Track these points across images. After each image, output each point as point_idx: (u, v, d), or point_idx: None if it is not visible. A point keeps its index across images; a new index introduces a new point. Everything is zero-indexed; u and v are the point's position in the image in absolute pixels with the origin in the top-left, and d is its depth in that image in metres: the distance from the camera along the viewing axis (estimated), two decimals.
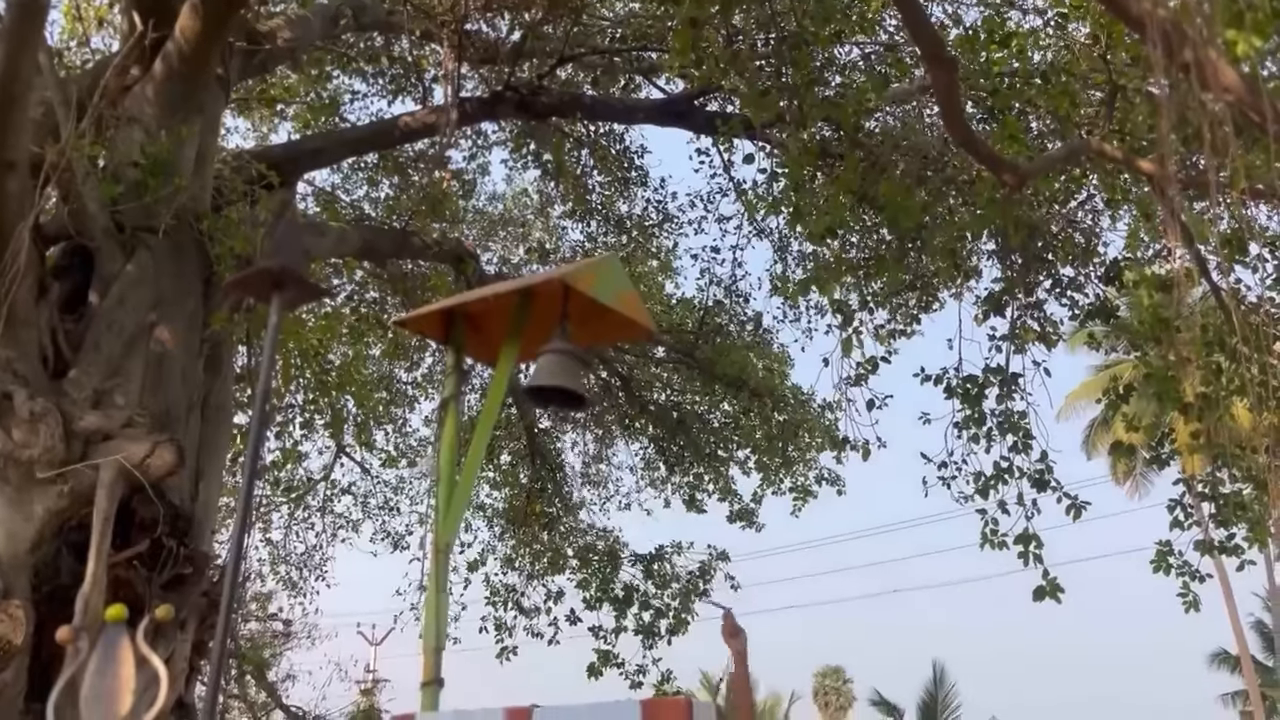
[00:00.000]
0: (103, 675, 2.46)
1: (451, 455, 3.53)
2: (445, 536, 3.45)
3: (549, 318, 3.52)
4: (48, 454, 7.36)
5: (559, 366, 3.37)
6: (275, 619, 18.84)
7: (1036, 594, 8.40)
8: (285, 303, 2.84)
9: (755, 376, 15.54)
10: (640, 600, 15.71)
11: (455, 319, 3.62)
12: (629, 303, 3.46)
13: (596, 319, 3.52)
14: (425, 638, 3.39)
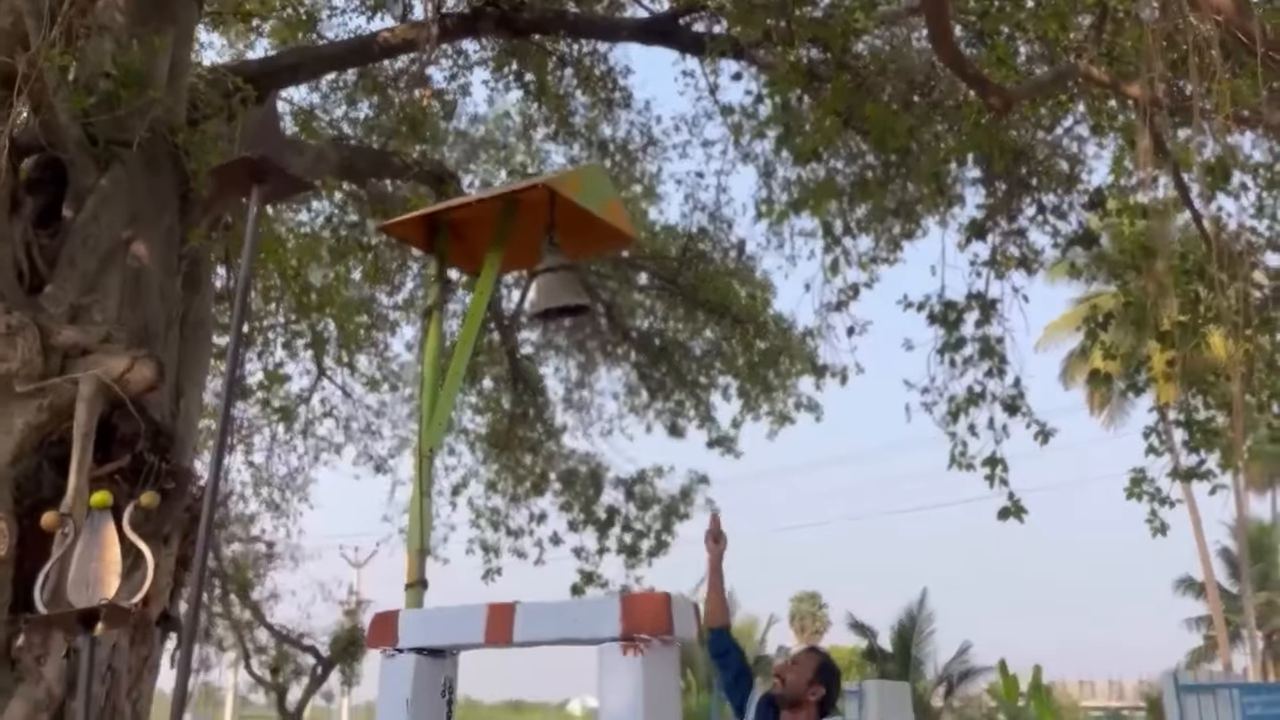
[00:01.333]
0: (89, 559, 2.50)
1: (435, 363, 3.53)
2: (430, 442, 3.47)
3: (533, 227, 3.51)
4: (26, 368, 7.32)
5: (558, 284, 3.37)
6: (258, 540, 18.97)
7: (1001, 514, 8.57)
8: (266, 196, 2.80)
9: (738, 303, 15.55)
10: (622, 522, 15.91)
11: (439, 226, 3.59)
12: (614, 211, 3.44)
13: (582, 228, 3.49)
14: (409, 540, 3.43)
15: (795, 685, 3.43)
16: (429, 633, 2.93)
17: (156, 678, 8.76)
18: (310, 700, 21.59)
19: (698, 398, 16.89)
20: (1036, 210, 10.66)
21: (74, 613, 2.46)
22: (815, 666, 3.49)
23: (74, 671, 7.21)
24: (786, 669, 3.51)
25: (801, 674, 3.45)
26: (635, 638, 2.59)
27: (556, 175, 3.29)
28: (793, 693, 3.42)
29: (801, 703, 3.43)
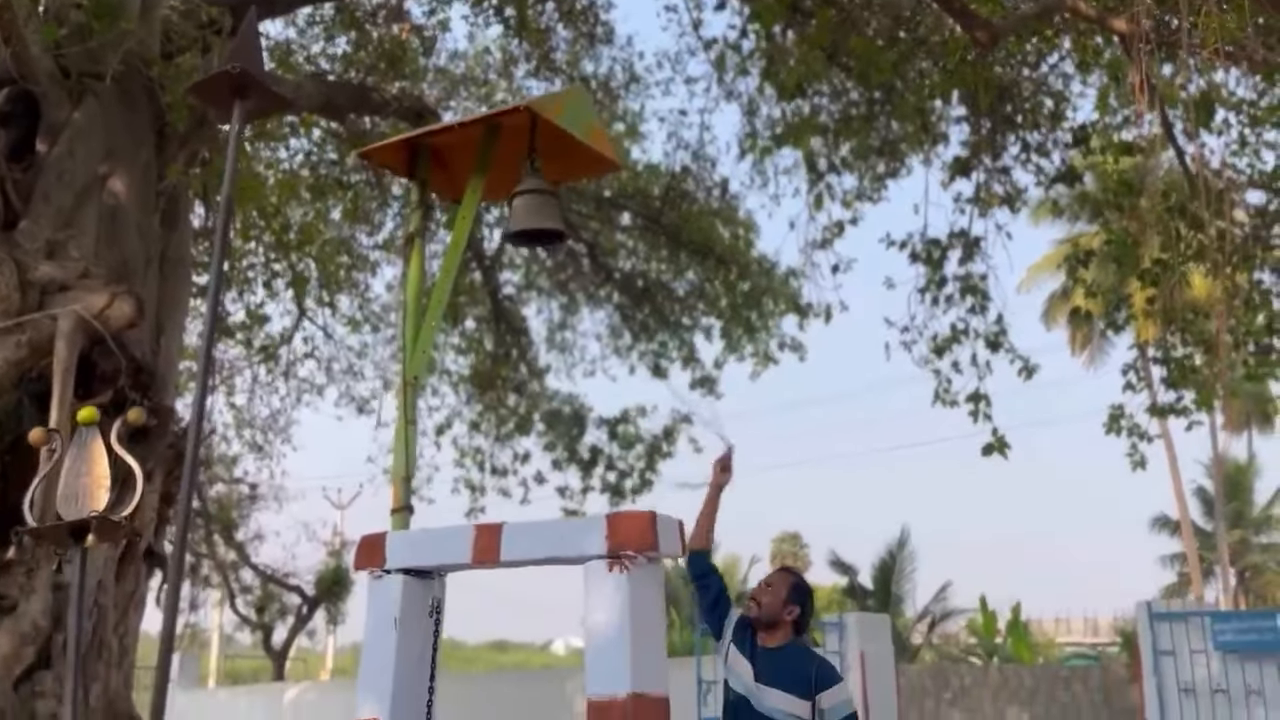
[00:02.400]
0: (78, 474, 2.51)
1: (418, 291, 3.52)
2: (413, 370, 3.46)
3: (516, 153, 3.47)
4: (3, 303, 7.25)
5: (535, 206, 3.33)
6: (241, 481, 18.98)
7: (985, 450, 8.65)
8: (248, 111, 2.75)
9: (721, 244, 15.50)
10: (606, 461, 16.00)
11: (420, 152, 3.55)
12: (597, 136, 3.41)
13: (564, 153, 3.46)
14: (395, 468, 3.44)
15: (771, 607, 3.47)
16: (416, 553, 2.95)
17: (143, 613, 8.81)
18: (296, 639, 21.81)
19: (681, 339, 16.91)
20: (1021, 148, 10.64)
21: (64, 525, 2.47)
22: (789, 586, 3.53)
23: (60, 606, 7.25)
24: (761, 591, 3.55)
25: (776, 595, 3.50)
26: (620, 555, 2.63)
27: (539, 98, 3.26)
28: (768, 614, 3.47)
29: (778, 623, 3.48)
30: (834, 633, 8.77)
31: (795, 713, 3.32)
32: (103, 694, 7.79)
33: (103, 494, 2.53)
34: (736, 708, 3.39)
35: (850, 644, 8.60)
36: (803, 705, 3.32)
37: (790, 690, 3.33)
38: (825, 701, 3.34)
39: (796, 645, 3.50)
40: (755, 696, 3.35)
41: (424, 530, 3.04)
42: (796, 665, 3.40)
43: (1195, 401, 9.63)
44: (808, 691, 3.34)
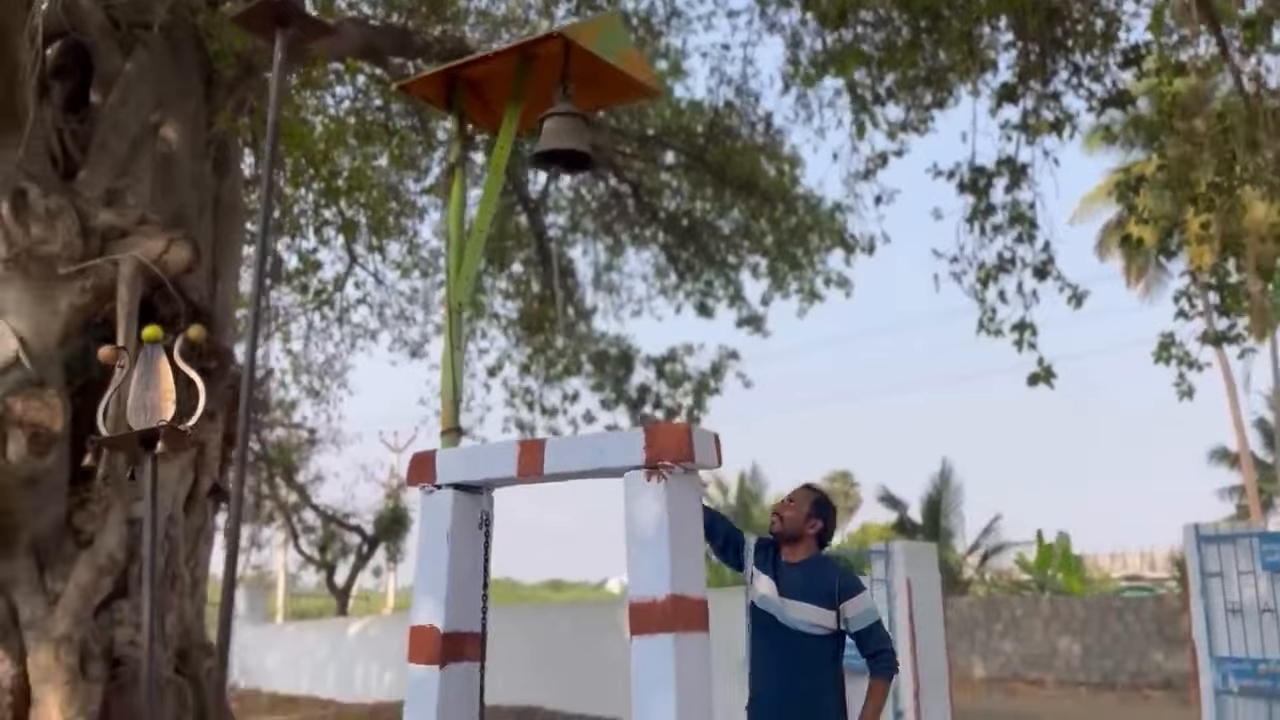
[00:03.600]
0: (145, 387, 2.67)
1: (460, 220, 3.61)
2: (458, 297, 3.57)
3: (551, 82, 3.52)
4: (67, 250, 7.50)
5: (562, 128, 3.40)
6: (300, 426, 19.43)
7: (1031, 379, 8.62)
8: (290, 40, 2.85)
9: (766, 180, 15.38)
10: (654, 400, 16.15)
11: (457, 84, 3.62)
12: (631, 61, 3.44)
13: (599, 79, 3.51)
14: (443, 391, 3.57)
15: (794, 521, 3.55)
16: (464, 469, 3.08)
17: (212, 547, 9.19)
18: (358, 577, 22.46)
19: (727, 277, 16.90)
20: (1071, 72, 10.42)
21: (134, 434, 2.64)
22: (812, 501, 3.61)
23: (133, 539, 7.59)
24: (784, 507, 3.63)
25: (799, 510, 3.58)
26: (659, 465, 2.73)
27: (572, 25, 3.29)
28: (791, 528, 3.55)
29: (800, 537, 3.56)
30: (880, 561, 8.84)
31: (820, 623, 3.41)
32: (177, 623, 8.17)
33: (169, 406, 2.69)
34: (764, 626, 3.48)
35: (896, 572, 8.67)
36: (828, 615, 3.42)
37: (815, 601, 3.42)
38: (849, 610, 3.44)
39: (819, 558, 3.59)
40: (781, 611, 3.44)
41: (472, 447, 3.17)
42: (820, 577, 3.48)
43: (1248, 328, 9.49)
44: (832, 601, 3.43)
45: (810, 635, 3.43)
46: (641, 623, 2.68)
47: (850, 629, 3.46)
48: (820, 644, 3.44)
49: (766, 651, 3.49)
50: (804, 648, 3.44)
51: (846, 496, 55.72)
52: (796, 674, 3.43)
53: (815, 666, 3.44)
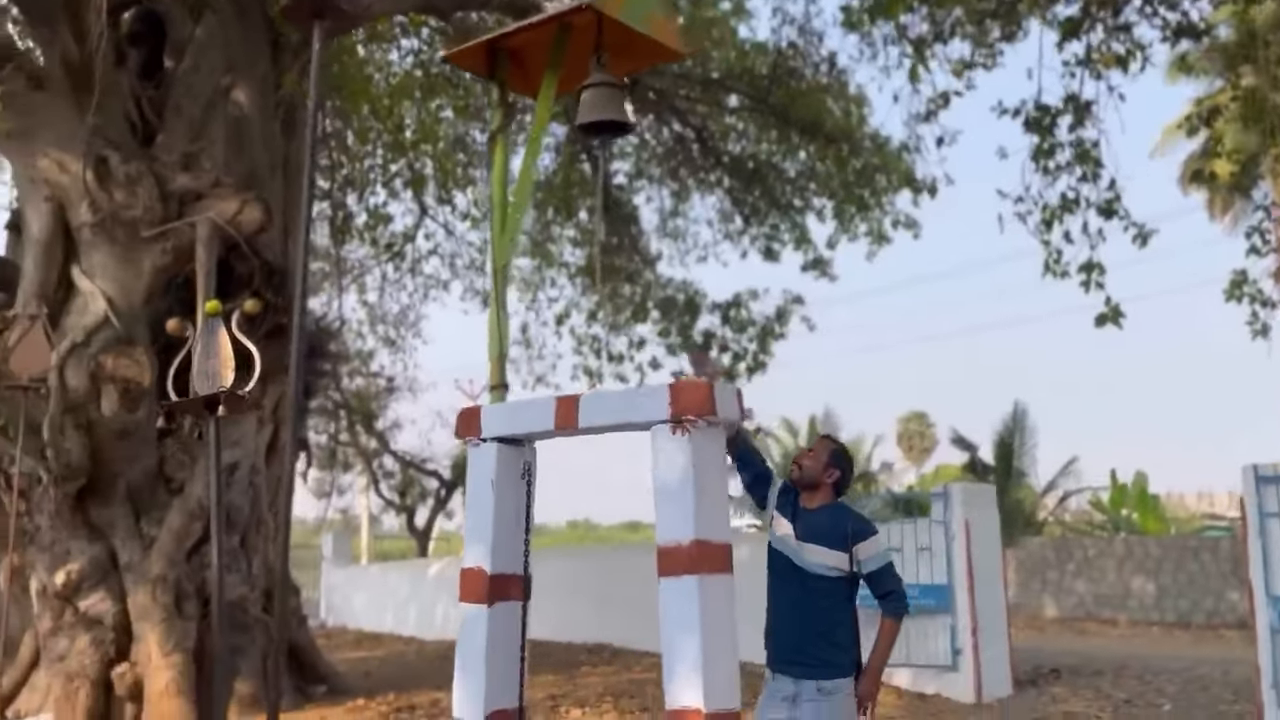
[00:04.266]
0: (208, 356, 2.94)
1: (503, 184, 3.78)
2: (502, 258, 3.76)
3: (586, 49, 3.65)
4: (148, 213, 7.88)
5: (601, 99, 3.54)
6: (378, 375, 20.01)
7: (1098, 320, 8.53)
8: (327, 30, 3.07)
9: (831, 120, 15.20)
10: (719, 344, 16.26)
11: (498, 54, 3.78)
12: (659, 26, 3.56)
13: (630, 45, 3.63)
14: (490, 348, 3.77)
15: (812, 470, 3.71)
16: (507, 423, 3.29)
17: (293, 492, 9.64)
18: (436, 520, 23.17)
19: (793, 220, 16.82)
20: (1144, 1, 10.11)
21: (200, 399, 2.92)
22: (830, 452, 3.76)
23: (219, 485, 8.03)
24: (804, 456, 3.79)
25: (818, 459, 3.73)
26: (683, 419, 2.90)
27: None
28: (810, 476, 3.71)
29: (818, 485, 3.72)
30: (939, 502, 8.94)
31: (834, 564, 3.58)
32: (262, 564, 8.66)
33: (229, 374, 2.94)
34: (781, 567, 3.66)
35: (955, 513, 8.75)
36: (841, 557, 3.58)
37: (830, 545, 3.58)
38: (862, 553, 3.60)
39: (835, 505, 3.75)
40: (797, 554, 3.61)
41: (512, 403, 3.38)
42: (834, 522, 3.64)
43: None
44: (845, 545, 3.59)
45: (825, 577, 3.59)
46: (668, 565, 2.88)
47: (862, 571, 3.61)
48: (834, 585, 3.60)
49: (784, 590, 3.66)
50: (819, 588, 3.60)
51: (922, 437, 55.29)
52: (811, 612, 3.60)
53: (829, 606, 3.61)
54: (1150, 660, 10.97)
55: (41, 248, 7.82)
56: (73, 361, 7.48)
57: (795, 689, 3.57)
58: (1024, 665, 10.26)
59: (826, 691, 3.55)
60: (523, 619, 3.27)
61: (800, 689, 3.57)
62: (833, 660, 3.60)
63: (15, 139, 7.80)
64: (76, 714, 7.20)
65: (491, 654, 3.17)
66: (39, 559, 7.50)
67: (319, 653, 9.27)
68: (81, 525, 7.57)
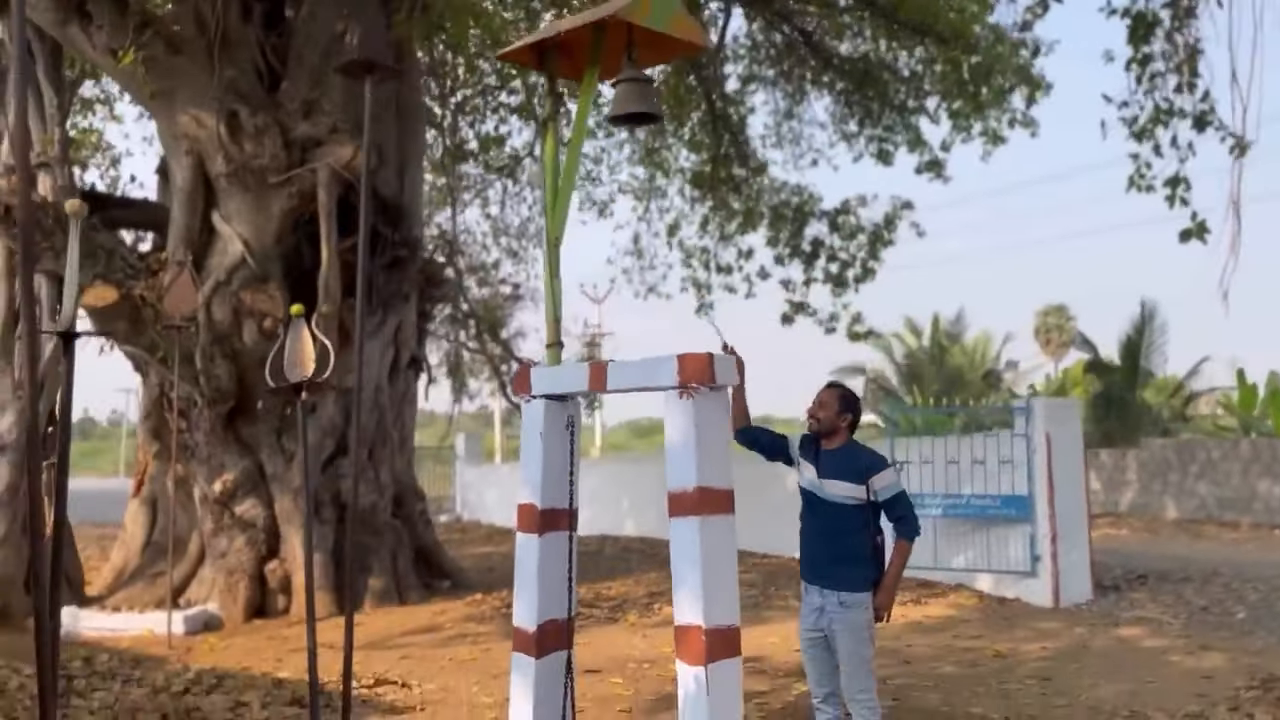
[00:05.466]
0: (294, 350, 3.62)
1: (553, 166, 4.30)
2: (555, 231, 4.30)
3: (621, 43, 4.11)
4: (274, 161, 8.70)
5: (633, 94, 4.02)
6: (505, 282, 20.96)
7: (1182, 236, 8.50)
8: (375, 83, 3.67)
9: (944, 19, 14.90)
10: (827, 253, 16.45)
11: (547, 50, 4.25)
12: (680, 25, 3.97)
13: (658, 42, 4.05)
14: (546, 311, 4.36)
15: (828, 419, 4.21)
16: (552, 383, 3.88)
17: (415, 408, 10.59)
18: None
19: (906, 122, 16.69)
20: None
21: (290, 385, 3.63)
22: (839, 399, 4.25)
23: (348, 405, 8.97)
24: (817, 409, 4.27)
25: (830, 409, 4.22)
26: (688, 386, 3.43)
27: (629, 4, 3.85)
28: (827, 425, 4.21)
29: (835, 430, 4.23)
30: (1021, 416, 9.18)
31: (853, 495, 4.10)
32: (390, 473, 9.64)
33: (310, 365, 3.61)
34: (809, 501, 4.21)
35: (1036, 427, 8.99)
36: (858, 489, 4.09)
37: (848, 479, 4.10)
38: (877, 484, 4.10)
39: (851, 444, 4.25)
40: (820, 489, 4.15)
41: (556, 368, 3.98)
42: (851, 459, 4.16)
43: None
44: (862, 478, 4.10)
45: (846, 506, 4.13)
46: (676, 508, 3.46)
47: (879, 499, 4.12)
48: (854, 513, 4.13)
49: (812, 521, 4.22)
50: (841, 515, 4.15)
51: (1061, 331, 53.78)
52: (837, 537, 4.15)
53: (851, 529, 4.15)
54: (1248, 567, 11.05)
55: (185, 196, 8.75)
56: (217, 299, 8.45)
57: (822, 600, 4.16)
58: (1113, 571, 10.53)
59: (847, 604, 4.11)
60: (570, 546, 3.92)
61: (826, 600, 4.14)
62: (853, 576, 4.15)
63: (158, 99, 8.68)
64: (238, 603, 8.37)
65: (543, 574, 3.83)
66: (199, 470, 8.62)
67: (443, 551, 10.29)
68: (233, 441, 8.64)
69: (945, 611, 8.54)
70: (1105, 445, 20.45)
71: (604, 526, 15.45)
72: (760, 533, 11.88)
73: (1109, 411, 21.51)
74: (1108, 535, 15.31)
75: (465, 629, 7.87)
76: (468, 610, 8.56)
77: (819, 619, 4.16)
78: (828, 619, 4.13)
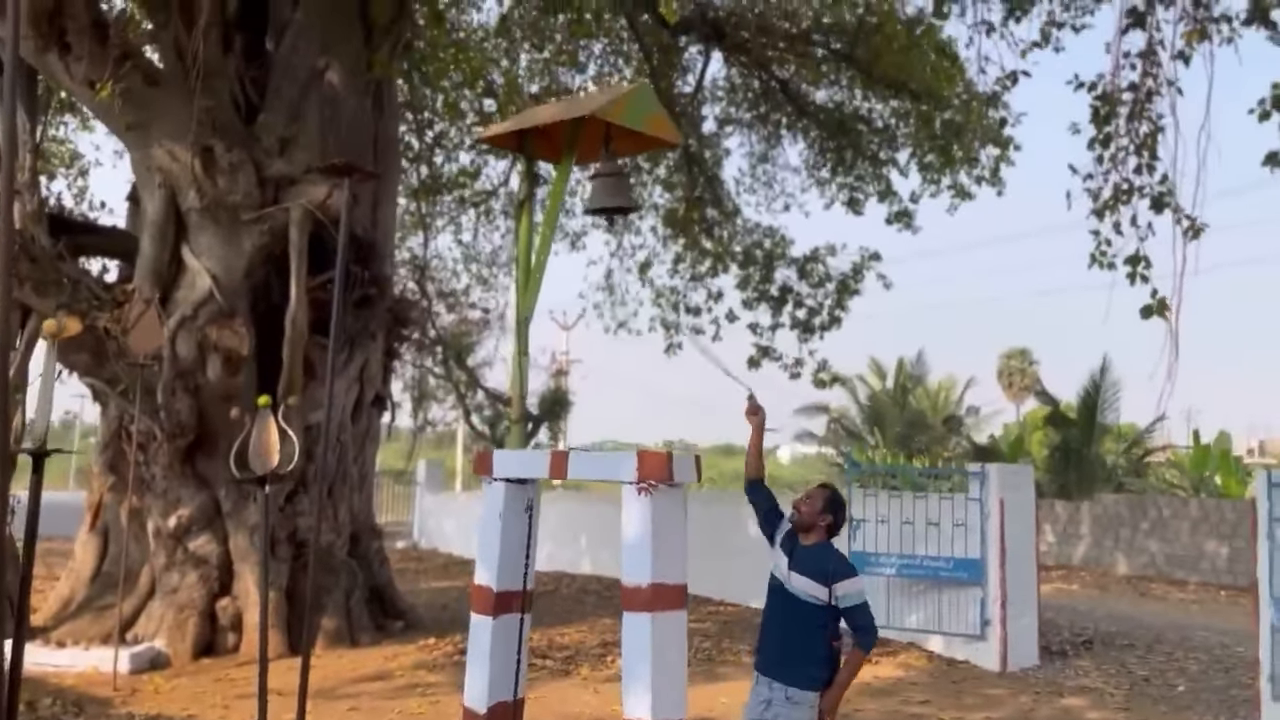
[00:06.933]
0: (259, 439, 3.67)
1: (527, 245, 4.39)
2: (525, 310, 4.38)
3: (598, 132, 4.22)
4: (247, 199, 8.71)
5: (608, 187, 4.15)
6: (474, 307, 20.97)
7: (1143, 312, 8.69)
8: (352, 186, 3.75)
9: (920, 76, 15.17)
10: (795, 299, 16.63)
11: (526, 135, 4.35)
12: (655, 123, 4.10)
13: (632, 135, 4.18)
14: (511, 387, 4.43)
15: (808, 515, 4.30)
16: (513, 468, 3.95)
17: (377, 446, 10.59)
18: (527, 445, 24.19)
19: (877, 172, 16.96)
20: None
21: (255, 477, 3.68)
22: (824, 499, 4.33)
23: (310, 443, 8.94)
24: (802, 502, 4.37)
25: (814, 505, 4.31)
26: (646, 483, 3.51)
27: (606, 105, 3.94)
28: (806, 520, 4.29)
29: (813, 527, 4.31)
30: (976, 481, 9.34)
31: (815, 594, 4.16)
32: (349, 511, 9.61)
33: (274, 455, 3.66)
34: (775, 590, 4.29)
35: (990, 492, 9.16)
36: (821, 589, 4.16)
37: (813, 578, 4.17)
38: (839, 590, 4.17)
39: (825, 545, 4.32)
40: (788, 581, 4.22)
41: (518, 452, 4.04)
42: (821, 560, 4.23)
43: None
44: (826, 580, 4.17)
45: (808, 603, 4.19)
46: (630, 602, 3.53)
47: (840, 605, 4.18)
48: (815, 611, 4.19)
49: (773, 611, 4.29)
50: (802, 611, 4.20)
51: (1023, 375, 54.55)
52: (795, 632, 4.22)
53: (810, 627, 4.20)
54: (1193, 632, 11.26)
55: (156, 229, 8.73)
56: (182, 333, 8.42)
57: (770, 694, 4.20)
58: (1061, 633, 10.70)
59: (794, 700, 4.16)
60: (521, 628, 3.97)
61: (774, 694, 4.19)
62: (804, 674, 4.20)
63: (133, 131, 8.67)
64: (186, 640, 8.30)
65: (494, 656, 3.88)
66: (154, 504, 8.57)
67: (398, 591, 10.26)
68: (190, 476, 8.60)
69: (895, 672, 8.64)
70: (1061, 497, 20.74)
71: (561, 564, 15.44)
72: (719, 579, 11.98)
73: (1066, 464, 21.83)
74: (1059, 590, 15.52)
75: (416, 677, 7.85)
76: (420, 656, 8.54)
77: (765, 711, 4.21)
78: (773, 713, 4.18)
